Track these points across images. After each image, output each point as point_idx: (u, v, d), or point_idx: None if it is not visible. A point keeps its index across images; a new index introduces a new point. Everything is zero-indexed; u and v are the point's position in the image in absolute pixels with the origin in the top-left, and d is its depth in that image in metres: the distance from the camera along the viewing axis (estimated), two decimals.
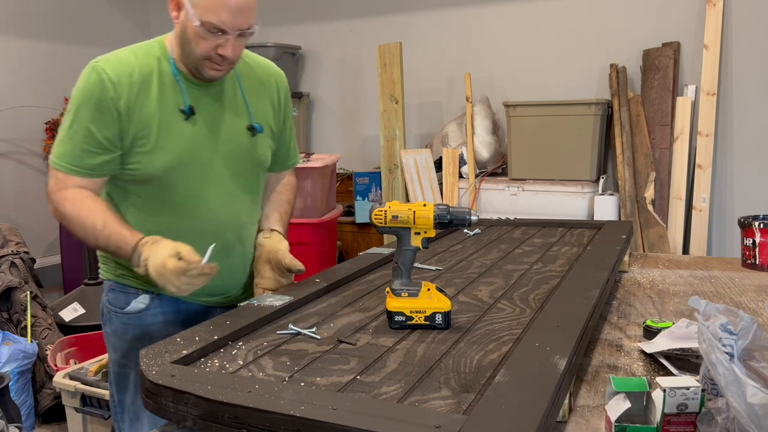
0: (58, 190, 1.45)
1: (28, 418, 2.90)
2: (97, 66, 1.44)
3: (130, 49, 1.49)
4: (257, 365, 1.09)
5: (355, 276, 1.65)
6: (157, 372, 1.01)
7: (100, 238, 1.42)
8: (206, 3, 1.37)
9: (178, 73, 1.48)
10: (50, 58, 4.56)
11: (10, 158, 4.38)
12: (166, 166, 1.47)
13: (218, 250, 1.53)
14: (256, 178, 1.64)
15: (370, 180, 4.14)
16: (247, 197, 1.62)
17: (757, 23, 3.41)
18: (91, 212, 1.43)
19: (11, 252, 3.39)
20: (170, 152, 1.47)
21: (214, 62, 1.43)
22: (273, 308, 1.34)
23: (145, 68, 1.46)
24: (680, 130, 3.46)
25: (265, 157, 1.64)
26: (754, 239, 1.98)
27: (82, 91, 1.44)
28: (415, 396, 0.95)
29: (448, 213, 1.26)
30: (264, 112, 1.62)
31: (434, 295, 1.25)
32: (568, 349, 1.05)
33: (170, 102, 1.47)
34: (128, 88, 1.43)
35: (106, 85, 1.41)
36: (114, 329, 1.58)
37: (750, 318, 0.94)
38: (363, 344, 1.18)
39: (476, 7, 4.15)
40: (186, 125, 1.48)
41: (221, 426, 0.91)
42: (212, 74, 1.46)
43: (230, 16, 1.38)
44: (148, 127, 1.44)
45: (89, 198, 1.45)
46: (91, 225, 1.42)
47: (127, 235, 1.41)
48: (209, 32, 1.39)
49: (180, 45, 1.45)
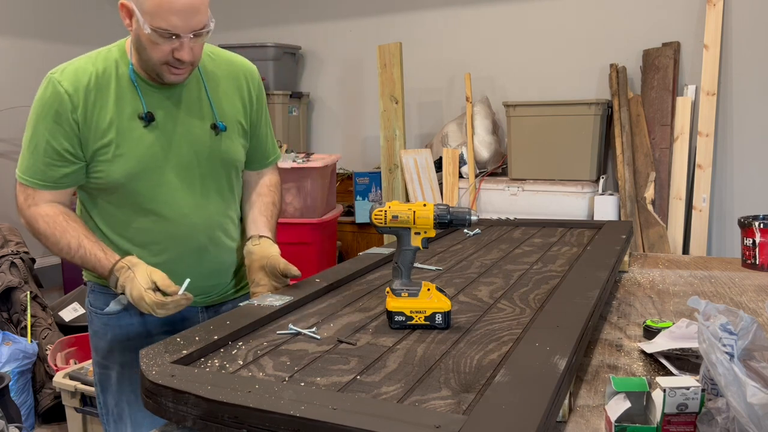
0: (29, 207, 1.46)
1: (28, 418, 2.90)
2: (53, 78, 1.43)
3: (88, 57, 1.47)
4: (257, 365, 1.09)
5: (355, 276, 1.65)
6: (157, 372, 1.01)
7: (75, 258, 1.44)
8: (153, 9, 1.33)
9: (135, 78, 1.46)
10: (50, 58, 4.52)
11: (10, 158, 4.38)
12: (127, 173, 1.46)
13: (191, 252, 1.55)
14: (227, 178, 1.61)
15: (370, 180, 4.14)
16: (218, 197, 1.59)
17: (757, 23, 3.41)
18: (64, 232, 1.43)
19: (11, 252, 3.39)
20: (130, 160, 1.45)
21: (172, 66, 1.41)
22: (273, 308, 1.34)
23: (102, 75, 1.44)
24: (680, 130, 3.46)
25: (236, 155, 1.61)
26: (754, 239, 1.98)
27: (39, 105, 1.44)
28: (415, 396, 0.95)
29: (448, 213, 1.26)
30: (232, 110, 1.59)
31: (434, 295, 1.25)
32: (568, 349, 1.05)
33: (128, 108, 1.45)
34: (84, 97, 1.42)
35: (63, 97, 1.40)
36: (95, 330, 1.59)
37: (750, 318, 0.94)
38: (363, 344, 1.18)
39: (476, 7, 4.15)
40: (145, 131, 1.46)
41: (221, 426, 0.91)
42: (173, 79, 1.44)
43: (180, 18, 1.34)
44: (106, 135, 1.44)
45: (61, 215, 1.45)
46: (65, 245, 1.43)
47: (101, 258, 1.42)
48: (162, 37, 1.35)
49: (137, 51, 1.43)
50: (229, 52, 1.65)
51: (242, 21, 4.81)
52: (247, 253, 1.59)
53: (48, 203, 1.47)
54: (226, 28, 4.52)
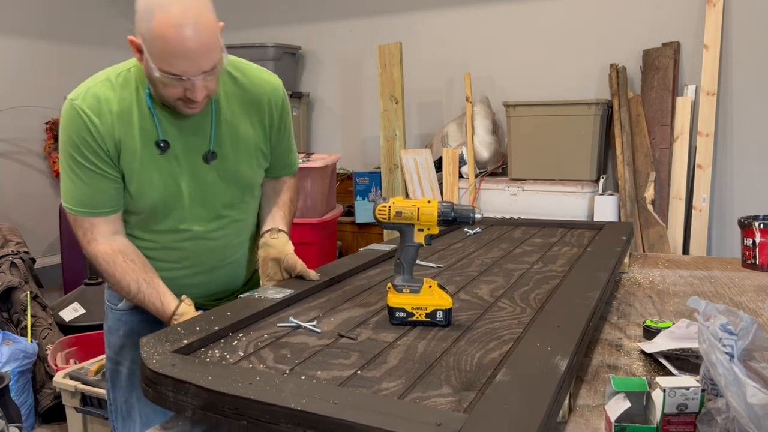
0: (89, 243, 1.43)
1: (28, 418, 2.90)
2: (74, 104, 1.38)
3: (107, 79, 1.41)
4: (258, 357, 1.09)
5: (355, 271, 1.65)
6: (157, 360, 1.02)
7: (134, 300, 1.43)
8: (160, 53, 1.27)
9: (152, 104, 1.41)
10: (50, 58, 4.56)
11: (10, 158, 4.38)
12: (151, 202, 1.45)
13: (205, 271, 1.57)
14: (242, 200, 1.59)
15: (370, 180, 4.14)
16: (235, 219, 1.59)
17: (757, 23, 3.41)
18: (124, 274, 1.41)
19: (11, 252, 3.39)
20: (152, 188, 1.44)
21: (186, 103, 1.36)
22: (274, 300, 1.34)
23: (125, 102, 1.40)
24: (680, 130, 3.47)
25: (252, 178, 1.58)
26: (754, 239, 1.98)
27: (66, 134, 1.39)
28: (416, 393, 0.95)
29: (452, 210, 1.25)
30: (246, 132, 1.54)
31: (436, 292, 1.25)
32: (569, 350, 1.05)
33: (148, 136, 1.42)
34: (110, 125, 1.38)
35: (88, 125, 1.37)
36: (109, 326, 1.60)
37: (750, 318, 0.94)
38: (363, 339, 1.18)
39: (476, 7, 4.15)
40: (163, 159, 1.44)
41: (221, 417, 0.91)
42: (188, 112, 1.40)
43: (189, 63, 1.28)
44: (131, 163, 1.41)
45: (120, 255, 1.43)
46: (126, 287, 1.42)
47: (159, 308, 1.41)
48: (172, 80, 1.30)
49: (151, 85, 1.38)
50: (256, 69, 1.58)
51: (242, 21, 4.81)
52: (263, 245, 1.58)
53: (106, 238, 1.43)
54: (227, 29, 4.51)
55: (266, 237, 1.59)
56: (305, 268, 1.52)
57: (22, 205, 4.41)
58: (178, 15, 1.24)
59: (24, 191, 4.44)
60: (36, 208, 4.47)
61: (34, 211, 4.46)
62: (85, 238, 1.43)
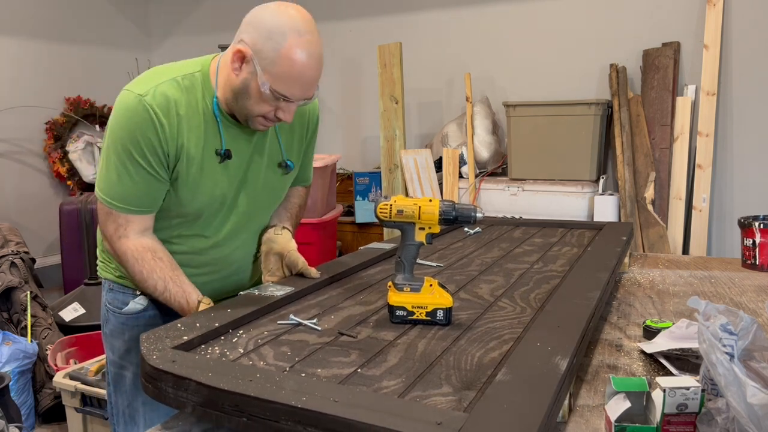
0: (119, 238, 1.41)
1: (28, 418, 2.90)
2: (144, 101, 1.34)
3: (173, 79, 1.39)
4: (258, 354, 1.09)
5: (356, 269, 1.66)
6: (158, 357, 1.02)
7: (160, 297, 1.43)
8: (281, 73, 1.31)
9: (219, 113, 1.43)
10: (50, 58, 4.56)
11: (11, 158, 4.38)
12: (199, 207, 1.46)
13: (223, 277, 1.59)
14: (271, 210, 1.64)
15: (370, 180, 4.14)
16: (262, 228, 1.62)
17: (757, 23, 3.41)
18: (151, 272, 1.41)
19: (11, 252, 3.39)
20: (205, 194, 1.45)
21: (267, 120, 1.40)
22: (274, 298, 1.35)
23: (191, 107, 1.40)
24: (680, 130, 3.47)
25: (285, 189, 1.65)
26: (754, 239, 1.98)
27: (128, 128, 1.35)
28: (416, 391, 0.95)
29: (453, 209, 1.25)
30: (293, 146, 1.61)
31: (436, 291, 1.25)
32: (569, 350, 1.05)
33: (210, 143, 1.43)
34: (177, 128, 1.37)
35: (155, 125, 1.35)
36: (112, 329, 1.58)
37: (750, 318, 0.94)
38: (364, 337, 1.18)
39: (476, 7, 4.15)
40: (220, 167, 1.45)
41: (221, 413, 0.91)
42: (260, 128, 1.43)
43: (301, 89, 1.34)
44: (190, 168, 1.41)
45: (149, 252, 1.42)
46: (152, 285, 1.42)
47: (184, 307, 1.41)
48: (275, 98, 1.34)
49: (234, 96, 1.38)
50: None
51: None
52: (267, 240, 1.60)
53: (137, 235, 1.42)
54: (227, 29, 4.51)
55: (270, 233, 1.61)
56: (306, 266, 1.54)
57: (22, 205, 4.41)
58: (310, 44, 1.31)
59: (24, 191, 4.44)
60: (36, 208, 4.47)
61: (34, 211, 4.46)
62: (116, 234, 1.42)
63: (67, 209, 3.96)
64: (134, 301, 1.55)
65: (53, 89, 4.53)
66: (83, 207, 3.94)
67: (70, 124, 4.52)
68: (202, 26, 5.16)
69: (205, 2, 5.10)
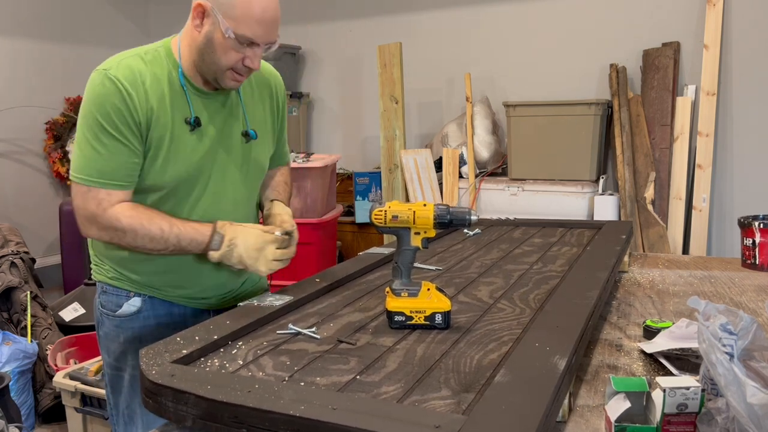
0: (105, 210, 1.40)
1: (28, 418, 2.90)
2: (108, 74, 1.37)
3: (137, 55, 1.43)
4: (257, 365, 1.09)
5: (354, 276, 1.65)
6: (157, 372, 1.01)
7: (170, 238, 1.41)
8: (241, 16, 1.35)
9: (185, 82, 1.45)
10: (50, 58, 4.56)
11: (10, 158, 4.38)
12: (175, 178, 1.45)
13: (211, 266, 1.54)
14: (256, 184, 1.64)
15: (370, 180, 4.14)
16: (247, 204, 1.62)
17: (757, 23, 3.41)
18: (151, 219, 1.41)
19: (11, 252, 3.39)
20: (179, 164, 1.45)
21: (237, 72, 1.42)
22: (273, 308, 1.34)
23: (157, 77, 1.42)
24: (680, 130, 3.46)
25: (265, 162, 1.64)
26: (754, 239, 1.98)
27: (97, 102, 1.38)
28: (415, 396, 0.95)
29: (447, 213, 1.26)
30: (263, 116, 1.61)
31: (434, 295, 1.25)
32: (568, 350, 1.05)
33: (178, 113, 1.44)
34: (144, 97, 1.39)
35: (123, 94, 1.37)
36: (106, 332, 1.57)
37: (750, 318, 0.94)
38: (363, 344, 1.18)
39: (476, 7, 4.15)
40: (191, 136, 1.46)
41: (221, 426, 0.91)
42: (231, 85, 1.45)
43: (263, 29, 1.38)
44: (162, 139, 1.42)
45: (141, 207, 1.43)
46: (158, 230, 1.41)
47: (197, 226, 1.43)
48: (239, 44, 1.37)
49: (200, 54, 1.41)
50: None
51: None
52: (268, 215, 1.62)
53: (121, 203, 1.42)
54: None
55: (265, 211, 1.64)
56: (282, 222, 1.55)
57: (22, 205, 4.41)
58: None
59: (24, 191, 4.44)
60: (36, 208, 4.47)
61: (34, 211, 4.46)
62: (100, 207, 1.40)
63: (67, 209, 3.96)
64: (128, 303, 1.54)
65: (53, 89, 4.53)
66: None
67: (70, 124, 4.52)
68: None
69: None
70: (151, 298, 1.54)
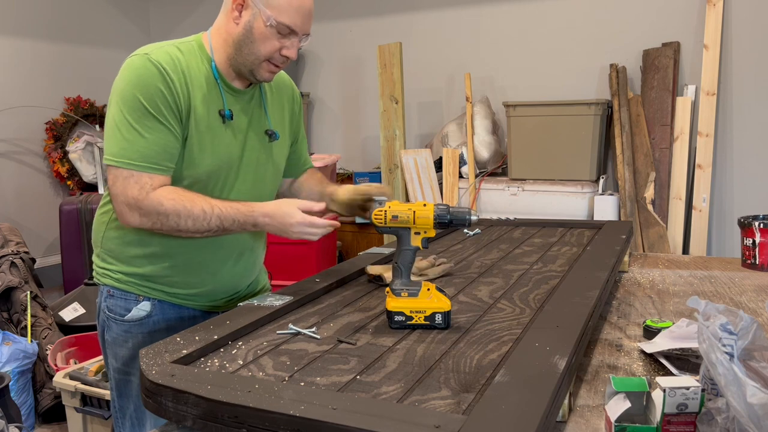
0: (147, 194, 1.38)
1: (28, 418, 2.90)
2: (150, 57, 1.38)
3: (173, 45, 1.45)
4: (257, 365, 1.09)
5: (354, 276, 1.65)
6: (157, 372, 1.02)
7: (212, 218, 1.40)
8: (283, 5, 1.40)
9: (218, 76, 1.47)
10: (50, 58, 4.56)
11: (10, 158, 4.38)
12: (207, 169, 1.46)
13: (233, 256, 1.56)
14: (274, 185, 1.66)
15: (370, 180, 4.14)
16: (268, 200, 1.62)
17: (757, 23, 3.41)
18: (193, 200, 1.40)
19: (11, 252, 3.39)
20: (212, 156, 1.46)
21: (273, 63, 1.45)
22: (273, 308, 1.34)
23: (193, 66, 1.44)
24: (680, 130, 3.46)
25: (282, 164, 1.67)
26: (754, 239, 1.98)
27: (140, 84, 1.37)
28: (415, 396, 0.95)
29: (447, 213, 1.26)
30: (282, 119, 1.65)
31: (434, 295, 1.25)
32: (567, 350, 1.05)
33: (214, 104, 1.46)
34: (184, 83, 1.41)
35: (166, 78, 1.38)
36: (114, 337, 1.54)
37: (750, 318, 0.94)
38: (363, 344, 1.18)
39: (476, 7, 4.15)
40: (225, 129, 1.48)
41: (221, 426, 0.91)
42: (267, 76, 1.48)
43: (303, 19, 1.43)
44: (198, 127, 1.43)
45: (180, 189, 1.42)
46: (200, 210, 1.40)
47: (239, 206, 1.43)
48: (280, 33, 1.42)
49: (237, 47, 1.44)
50: None
51: None
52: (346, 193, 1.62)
53: (162, 186, 1.41)
54: None
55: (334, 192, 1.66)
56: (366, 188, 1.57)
57: (22, 205, 4.41)
58: None
59: (24, 191, 4.44)
60: (36, 208, 4.47)
61: (34, 211, 4.46)
62: (143, 192, 1.38)
63: (67, 209, 3.96)
64: (137, 307, 1.52)
65: (53, 89, 4.53)
66: (83, 207, 3.94)
67: (70, 124, 4.52)
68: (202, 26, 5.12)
69: (205, 2, 5.10)
70: (160, 302, 1.53)
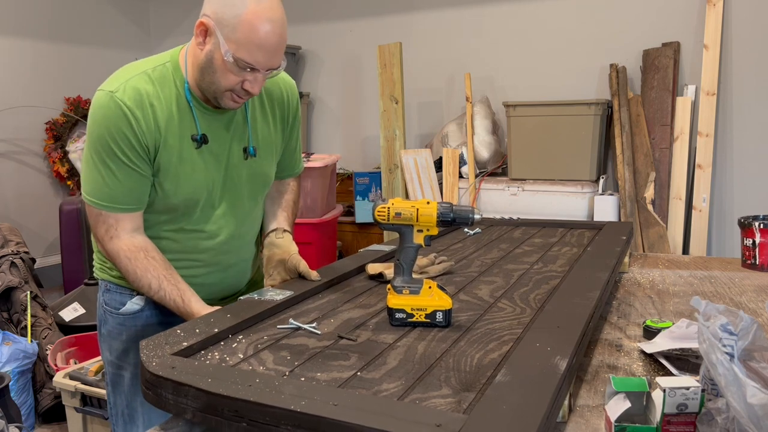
0: (110, 239, 1.42)
1: (28, 418, 2.90)
2: (114, 97, 1.35)
3: (144, 73, 1.40)
4: (257, 359, 1.09)
5: (355, 272, 1.65)
6: (157, 363, 1.02)
7: (154, 297, 1.43)
8: (243, 40, 1.30)
9: (191, 99, 1.43)
10: (50, 58, 4.56)
11: (10, 158, 4.38)
12: (185, 197, 1.45)
13: (221, 270, 1.57)
14: (261, 198, 1.64)
15: (370, 180, 4.14)
16: (252, 219, 1.62)
17: (757, 23, 3.41)
18: (145, 271, 1.41)
19: (11, 252, 3.39)
20: (188, 183, 1.44)
21: (236, 95, 1.39)
22: (273, 302, 1.34)
23: (164, 98, 1.40)
24: (680, 130, 3.47)
25: (269, 176, 1.62)
26: (754, 239, 1.98)
27: (103, 125, 1.36)
28: (416, 394, 0.95)
29: (451, 211, 1.25)
30: (270, 129, 1.59)
31: (435, 293, 1.25)
32: (568, 350, 1.05)
33: (187, 131, 1.43)
34: (152, 119, 1.38)
35: (129, 119, 1.35)
36: (109, 330, 1.57)
37: (750, 318, 0.94)
38: (363, 340, 1.18)
39: (476, 7, 4.15)
40: (198, 155, 1.45)
41: (221, 419, 0.91)
42: (231, 105, 1.42)
43: (265, 56, 1.33)
44: (169, 158, 1.41)
45: (142, 252, 1.42)
46: (146, 284, 1.41)
47: (179, 305, 1.40)
48: (239, 68, 1.33)
49: (200, 72, 1.38)
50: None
51: None
52: (269, 245, 1.59)
53: (128, 234, 1.42)
54: None
55: (271, 237, 1.61)
56: (307, 269, 1.53)
57: (22, 205, 4.41)
58: (269, 10, 1.31)
59: (24, 191, 4.44)
60: (36, 208, 4.47)
61: (34, 211, 4.46)
62: (107, 235, 1.42)
63: (67, 209, 3.96)
64: (131, 301, 1.54)
65: (53, 89, 4.53)
66: (83, 207, 3.94)
67: (70, 124, 4.52)
68: None
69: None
70: None
